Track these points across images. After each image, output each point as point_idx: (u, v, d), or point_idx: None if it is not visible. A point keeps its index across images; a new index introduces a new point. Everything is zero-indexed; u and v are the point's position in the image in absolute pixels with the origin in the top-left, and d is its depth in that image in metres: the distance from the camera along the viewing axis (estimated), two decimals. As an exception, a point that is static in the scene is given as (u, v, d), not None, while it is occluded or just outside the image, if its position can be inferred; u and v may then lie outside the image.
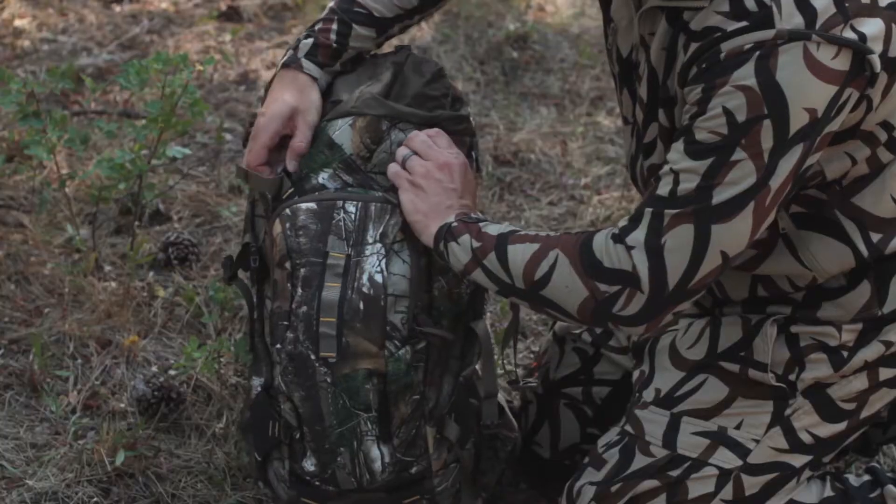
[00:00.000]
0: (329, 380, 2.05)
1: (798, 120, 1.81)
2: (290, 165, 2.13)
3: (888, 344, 2.04)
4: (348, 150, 2.11)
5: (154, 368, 2.63)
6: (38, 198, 3.11)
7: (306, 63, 2.18)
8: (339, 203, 2.08)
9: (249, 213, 2.20)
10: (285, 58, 2.20)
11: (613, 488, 2.08)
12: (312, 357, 2.05)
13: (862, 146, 1.94)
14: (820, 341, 2.04)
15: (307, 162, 2.12)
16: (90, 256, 2.90)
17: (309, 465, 2.12)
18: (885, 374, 2.06)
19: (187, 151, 2.95)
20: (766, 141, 1.82)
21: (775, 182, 1.85)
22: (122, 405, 2.55)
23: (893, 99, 1.91)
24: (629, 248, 1.88)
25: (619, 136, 3.70)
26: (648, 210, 1.88)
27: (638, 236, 1.88)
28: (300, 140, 2.14)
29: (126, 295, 2.82)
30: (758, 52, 1.80)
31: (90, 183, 3.05)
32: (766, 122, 1.81)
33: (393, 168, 2.09)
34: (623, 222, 1.91)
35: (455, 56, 4.12)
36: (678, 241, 1.86)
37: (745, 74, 1.80)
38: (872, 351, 2.04)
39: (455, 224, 2.01)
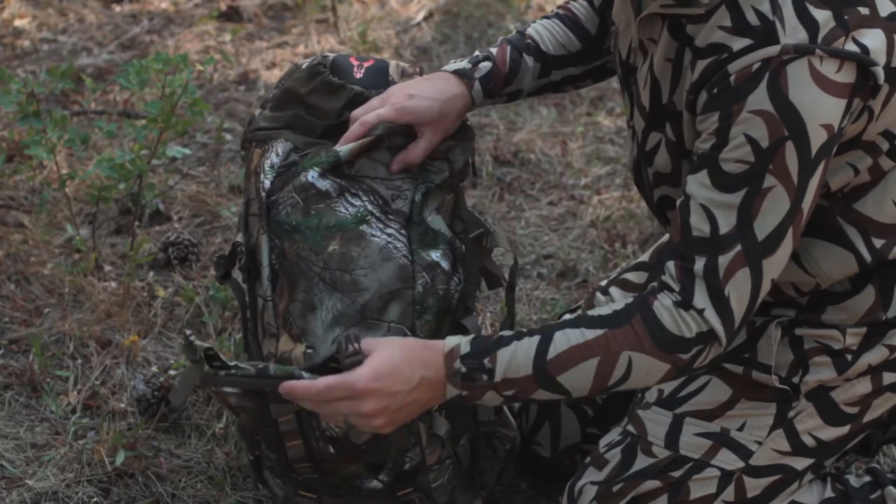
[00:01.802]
0: None
1: (818, 137, 1.81)
2: (395, 167, 2.10)
3: (892, 348, 2.04)
4: (342, 154, 2.10)
5: (154, 368, 2.63)
6: (38, 198, 3.10)
7: (477, 87, 2.14)
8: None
9: (243, 213, 2.19)
10: (459, 66, 2.15)
11: (615, 488, 2.07)
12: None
13: (864, 156, 1.93)
14: (824, 344, 2.03)
15: (304, 162, 2.11)
16: (90, 256, 2.90)
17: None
18: (888, 378, 2.06)
19: (187, 151, 2.94)
20: (792, 162, 1.81)
21: (806, 203, 1.85)
22: (122, 405, 2.55)
23: (893, 110, 1.91)
24: (700, 312, 1.86)
25: (619, 137, 3.70)
26: (699, 260, 1.85)
27: (703, 297, 1.86)
28: (418, 154, 2.09)
29: (126, 295, 2.82)
30: (767, 74, 1.79)
31: (90, 183, 3.05)
32: (789, 144, 1.80)
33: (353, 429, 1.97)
34: (672, 283, 1.87)
35: (455, 56, 4.12)
36: (739, 288, 1.86)
37: (760, 98, 1.79)
38: (876, 355, 2.04)
39: (466, 394, 1.91)
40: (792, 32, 1.79)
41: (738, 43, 1.81)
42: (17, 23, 4.23)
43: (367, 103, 2.12)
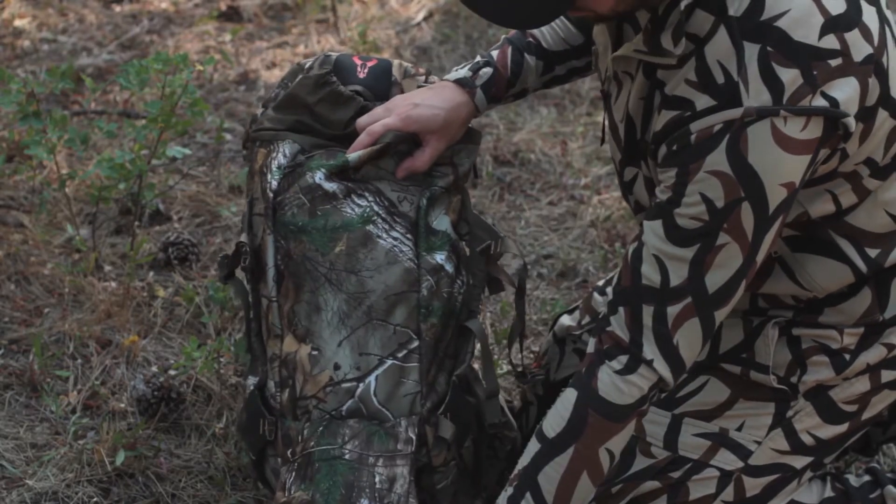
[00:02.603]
0: None
1: (776, 196, 1.81)
2: (400, 173, 2.11)
3: (890, 347, 2.04)
4: (351, 160, 2.10)
5: (154, 368, 2.63)
6: (38, 198, 3.10)
7: (479, 95, 2.14)
8: None
9: (247, 213, 2.19)
10: (459, 76, 2.14)
11: (615, 489, 2.07)
12: None
13: (843, 183, 1.93)
14: (821, 343, 2.03)
15: (310, 163, 2.11)
16: (90, 256, 2.90)
17: None
18: (886, 376, 2.06)
19: (187, 151, 2.94)
20: (748, 222, 1.82)
21: (761, 254, 1.86)
22: (122, 405, 2.55)
23: (873, 141, 1.89)
24: (649, 363, 1.89)
25: (619, 137, 3.70)
26: (647, 310, 1.87)
27: (651, 347, 1.88)
28: (423, 162, 2.10)
29: (126, 295, 2.82)
30: (728, 135, 1.78)
31: (90, 183, 3.05)
32: (745, 205, 1.81)
33: None
34: (621, 332, 1.89)
35: (455, 56, 4.11)
36: (688, 337, 1.88)
37: (718, 159, 1.79)
38: (875, 354, 2.04)
39: None
40: (755, 95, 1.78)
41: (702, 101, 1.81)
42: (17, 23, 4.23)
43: (372, 112, 2.12)
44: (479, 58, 2.18)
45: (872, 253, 1.98)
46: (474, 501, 2.24)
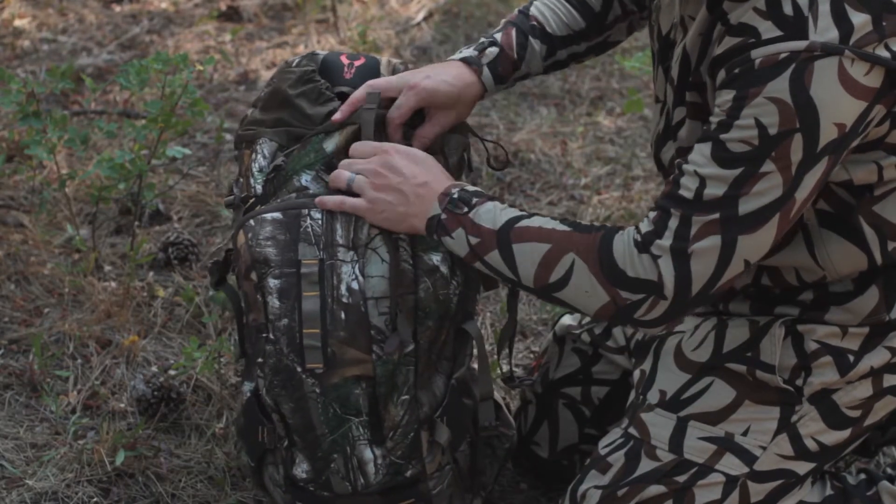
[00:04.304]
0: (318, 390, 2.05)
1: (828, 134, 1.82)
2: (417, 144, 2.12)
3: (894, 351, 2.04)
4: (329, 151, 2.10)
5: (154, 368, 2.63)
6: (38, 198, 3.11)
7: (486, 73, 2.16)
8: (305, 211, 2.05)
9: (237, 217, 2.18)
10: (465, 54, 2.16)
11: (620, 492, 2.06)
12: (298, 369, 2.04)
13: (886, 156, 1.94)
14: (825, 343, 2.03)
15: (293, 164, 2.11)
16: (90, 256, 2.91)
17: (300, 471, 2.11)
18: (889, 381, 2.05)
19: (187, 151, 2.94)
20: (796, 154, 1.82)
21: (801, 194, 1.86)
22: (122, 405, 2.55)
23: None
24: (655, 258, 1.89)
25: (619, 136, 3.71)
26: (675, 213, 1.88)
27: (664, 244, 1.88)
28: (428, 133, 2.12)
29: (126, 295, 2.82)
30: (793, 65, 1.79)
31: (90, 183, 3.05)
32: (797, 136, 1.81)
33: (336, 199, 2.04)
34: (644, 226, 1.91)
35: (455, 56, 4.11)
36: (704, 251, 1.87)
37: (780, 87, 1.80)
38: (878, 358, 2.03)
39: (444, 217, 1.99)
40: (822, 31, 1.80)
41: (768, 31, 1.82)
42: (17, 23, 4.24)
43: (381, 78, 2.12)
44: (482, 39, 2.19)
45: (891, 246, 1.99)
46: (473, 500, 2.24)
